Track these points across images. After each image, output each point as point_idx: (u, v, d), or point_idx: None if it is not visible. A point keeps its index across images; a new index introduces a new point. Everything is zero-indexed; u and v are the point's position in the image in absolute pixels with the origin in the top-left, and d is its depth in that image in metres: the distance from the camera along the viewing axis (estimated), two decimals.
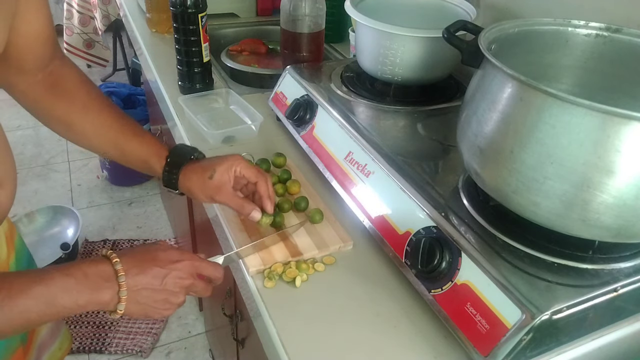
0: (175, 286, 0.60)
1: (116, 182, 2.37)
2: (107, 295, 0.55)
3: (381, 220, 0.67)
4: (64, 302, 0.53)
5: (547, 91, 0.48)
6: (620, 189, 0.48)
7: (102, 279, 0.55)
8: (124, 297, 0.56)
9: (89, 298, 0.54)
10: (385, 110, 0.86)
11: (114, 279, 0.56)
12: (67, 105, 0.72)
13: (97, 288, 0.55)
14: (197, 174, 0.70)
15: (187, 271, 0.61)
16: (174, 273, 0.59)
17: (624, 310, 0.56)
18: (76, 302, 0.54)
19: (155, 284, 0.58)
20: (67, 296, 0.53)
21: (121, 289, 0.56)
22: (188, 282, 0.61)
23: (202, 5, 1.00)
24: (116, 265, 0.56)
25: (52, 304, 0.53)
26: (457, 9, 0.94)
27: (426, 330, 0.60)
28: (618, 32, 0.64)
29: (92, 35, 2.79)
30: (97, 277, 0.55)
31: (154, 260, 0.59)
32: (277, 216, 0.73)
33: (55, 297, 0.53)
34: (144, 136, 0.74)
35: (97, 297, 0.55)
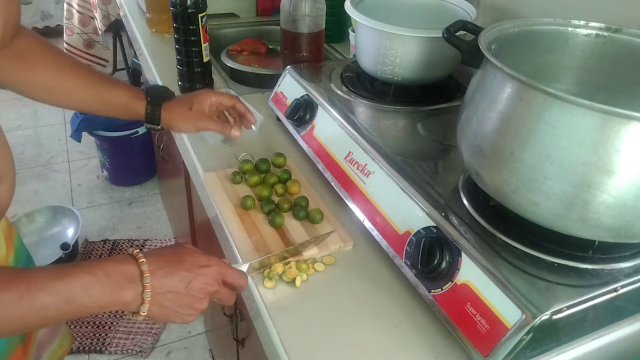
0: (200, 292, 0.58)
1: (116, 182, 2.37)
2: (129, 296, 0.54)
3: (381, 220, 0.67)
4: (83, 301, 0.52)
5: (547, 91, 0.48)
6: (620, 189, 0.48)
7: (126, 279, 0.54)
8: (147, 299, 0.54)
9: (110, 298, 0.53)
10: (385, 110, 0.86)
11: (139, 279, 0.54)
12: (42, 71, 0.76)
13: (120, 288, 0.53)
14: (177, 107, 0.79)
15: (213, 277, 0.59)
16: (200, 278, 0.58)
17: (624, 310, 0.56)
18: (97, 302, 0.52)
19: (180, 287, 0.57)
20: (88, 295, 0.52)
21: (145, 291, 0.54)
22: (213, 289, 0.59)
23: (202, 5, 1.00)
24: (142, 265, 0.54)
25: (72, 302, 0.51)
26: (457, 9, 0.94)
27: (426, 330, 0.60)
28: (618, 32, 0.64)
29: (92, 35, 2.79)
30: (121, 277, 0.53)
31: (181, 263, 0.58)
32: (278, 216, 0.73)
33: (76, 296, 0.51)
34: (121, 85, 0.80)
35: (119, 297, 0.53)
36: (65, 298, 0.51)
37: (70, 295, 0.51)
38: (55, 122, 2.86)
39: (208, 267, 0.59)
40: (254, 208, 0.76)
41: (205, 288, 0.58)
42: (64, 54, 0.80)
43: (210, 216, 0.84)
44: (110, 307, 0.53)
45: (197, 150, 0.93)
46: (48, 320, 0.52)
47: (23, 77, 0.75)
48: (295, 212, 0.75)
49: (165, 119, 0.79)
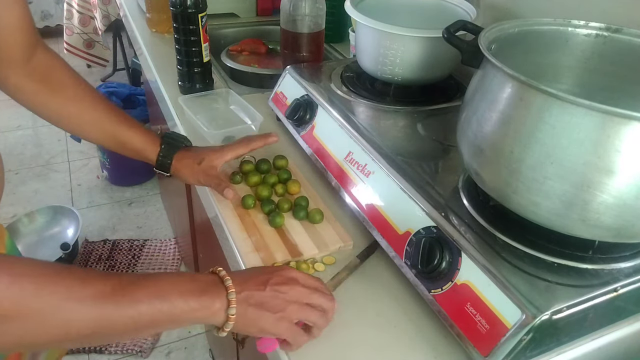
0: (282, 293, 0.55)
1: (116, 182, 2.37)
2: (217, 302, 0.52)
3: (381, 220, 0.67)
4: (175, 299, 0.50)
5: (547, 91, 0.48)
6: (620, 189, 0.48)
7: (209, 284, 0.53)
8: (233, 299, 0.52)
9: (200, 301, 0.51)
10: (385, 110, 0.86)
11: (221, 283, 0.53)
12: (62, 98, 0.77)
13: (206, 292, 0.52)
14: (188, 159, 0.80)
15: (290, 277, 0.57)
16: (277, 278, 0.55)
17: (624, 310, 0.56)
18: (188, 303, 0.51)
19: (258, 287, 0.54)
20: (178, 294, 0.50)
21: (229, 291, 0.52)
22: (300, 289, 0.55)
23: (202, 5, 1.00)
24: (221, 272, 0.54)
25: (164, 299, 0.49)
26: (457, 9, 0.94)
27: (426, 330, 0.60)
28: (618, 32, 0.64)
29: (92, 35, 2.79)
30: (204, 282, 0.53)
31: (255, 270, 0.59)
32: (278, 216, 0.73)
33: (166, 292, 0.50)
34: (137, 127, 0.81)
35: (208, 301, 0.52)
36: (156, 293, 0.50)
37: (161, 291, 0.50)
38: None
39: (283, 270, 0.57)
40: (254, 208, 0.76)
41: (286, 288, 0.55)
42: (85, 84, 0.80)
43: (210, 216, 0.84)
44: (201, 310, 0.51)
45: None
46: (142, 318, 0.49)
47: (42, 100, 0.76)
48: (295, 212, 0.75)
49: (174, 167, 0.80)
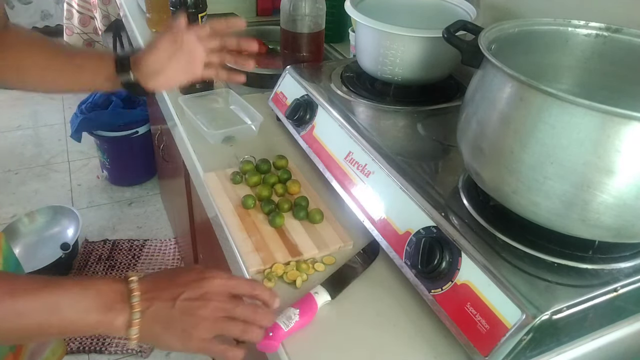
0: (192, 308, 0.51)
1: (116, 182, 2.37)
2: (119, 320, 0.50)
3: (381, 220, 0.67)
4: (70, 314, 0.48)
5: (547, 91, 0.48)
6: (620, 189, 0.48)
7: (115, 300, 0.50)
8: (135, 319, 0.50)
9: (99, 318, 0.49)
10: (385, 110, 0.86)
11: (127, 299, 0.50)
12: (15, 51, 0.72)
13: (109, 309, 0.49)
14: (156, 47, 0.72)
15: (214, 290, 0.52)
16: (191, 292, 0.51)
17: (624, 310, 0.56)
18: (84, 319, 0.48)
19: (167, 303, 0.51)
20: (75, 310, 0.48)
21: (133, 311, 0.50)
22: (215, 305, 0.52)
23: (202, 5, 1.00)
24: (131, 284, 0.51)
25: (57, 313, 0.47)
26: (457, 9, 0.94)
27: (426, 330, 0.60)
28: (618, 32, 0.64)
29: (92, 35, 2.79)
30: (110, 296, 0.50)
31: (175, 278, 0.53)
32: (278, 216, 0.73)
33: (62, 307, 0.47)
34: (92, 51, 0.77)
35: (109, 318, 0.49)
36: (51, 308, 0.47)
37: (57, 305, 0.47)
38: (55, 122, 2.86)
39: (205, 280, 0.52)
40: (254, 208, 0.76)
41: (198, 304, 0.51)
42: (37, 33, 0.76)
43: (210, 216, 0.84)
44: (99, 327, 0.50)
45: (197, 150, 0.93)
46: (26, 330, 0.47)
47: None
48: (295, 212, 0.75)
49: (141, 62, 0.71)
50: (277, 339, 0.57)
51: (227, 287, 0.53)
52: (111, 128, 2.12)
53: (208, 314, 0.51)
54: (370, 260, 0.69)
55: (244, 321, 0.53)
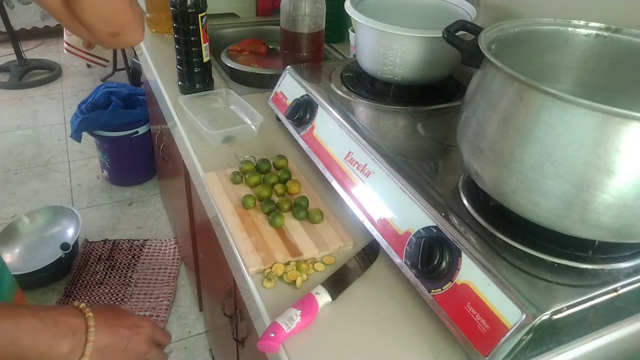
0: (134, 350, 0.60)
1: (116, 182, 2.37)
2: (67, 347, 0.54)
3: (381, 220, 0.67)
4: (25, 343, 0.51)
5: (547, 91, 0.48)
6: (620, 189, 0.48)
7: (70, 331, 0.54)
8: (88, 352, 0.55)
9: (49, 346, 0.52)
10: (385, 110, 0.86)
11: (83, 332, 0.55)
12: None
13: (61, 337, 0.53)
14: None
15: (147, 336, 0.62)
16: (136, 337, 0.60)
17: (624, 310, 0.56)
18: (37, 348, 0.52)
19: (119, 344, 0.59)
20: (31, 339, 0.51)
21: (87, 344, 0.55)
22: (145, 348, 0.62)
23: (202, 5, 1.00)
24: (89, 320, 0.56)
25: (15, 343, 0.51)
26: (457, 9, 0.94)
27: (426, 330, 0.60)
28: (618, 32, 0.64)
29: None
30: (66, 328, 0.54)
31: (122, 320, 0.60)
32: (278, 216, 0.73)
33: (20, 337, 0.51)
34: None
35: (58, 347, 0.53)
36: (11, 338, 0.51)
37: (17, 337, 0.51)
38: (55, 122, 2.86)
39: (143, 327, 0.62)
40: (254, 208, 0.76)
41: (139, 346, 0.61)
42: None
43: (210, 216, 0.84)
44: (47, 355, 0.53)
45: (197, 150, 0.93)
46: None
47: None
48: (295, 212, 0.75)
49: None
50: (278, 340, 0.57)
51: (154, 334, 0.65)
52: (111, 128, 2.12)
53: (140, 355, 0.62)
54: (371, 260, 0.69)
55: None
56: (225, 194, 0.79)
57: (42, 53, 3.66)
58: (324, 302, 0.62)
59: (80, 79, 3.37)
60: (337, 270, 0.67)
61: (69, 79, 3.37)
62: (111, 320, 0.59)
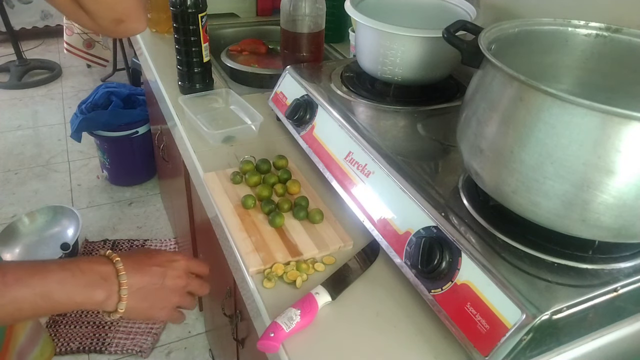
0: (173, 284, 0.61)
1: (116, 182, 2.37)
2: (103, 294, 0.55)
3: (381, 220, 0.67)
4: (59, 296, 0.52)
5: (547, 91, 0.48)
6: (620, 189, 0.48)
7: (101, 278, 0.55)
8: (124, 295, 0.56)
9: (85, 296, 0.54)
10: (385, 110, 0.86)
11: (114, 277, 0.56)
12: None
13: (94, 286, 0.54)
14: None
15: (183, 269, 0.63)
16: (171, 272, 0.61)
17: (624, 310, 0.56)
18: (72, 299, 0.53)
19: (155, 282, 0.59)
20: (63, 291, 0.52)
21: (122, 288, 0.56)
22: (184, 282, 0.63)
23: (202, 5, 1.00)
24: (117, 264, 0.56)
25: (47, 297, 0.52)
26: (457, 9, 0.94)
27: (426, 330, 0.60)
28: (618, 32, 0.64)
29: (92, 35, 2.79)
30: (96, 275, 0.55)
31: (152, 259, 0.61)
32: (278, 216, 0.73)
33: (51, 291, 0.52)
34: None
35: (94, 295, 0.54)
36: (41, 292, 0.51)
37: (46, 289, 0.52)
38: (55, 122, 2.86)
39: (176, 261, 0.62)
40: (254, 208, 0.76)
41: (177, 281, 0.61)
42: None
43: (210, 216, 0.84)
44: (85, 304, 0.54)
45: (197, 150, 0.93)
46: (21, 314, 0.52)
47: None
48: (295, 212, 0.75)
49: None
50: (278, 339, 0.57)
51: (191, 266, 0.65)
52: (111, 128, 2.12)
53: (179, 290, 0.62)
54: (371, 260, 0.69)
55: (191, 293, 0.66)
56: (225, 194, 0.79)
57: (42, 53, 3.66)
58: (323, 302, 0.62)
59: (80, 79, 3.37)
60: (337, 270, 0.67)
61: (69, 79, 3.37)
62: (141, 261, 0.59)
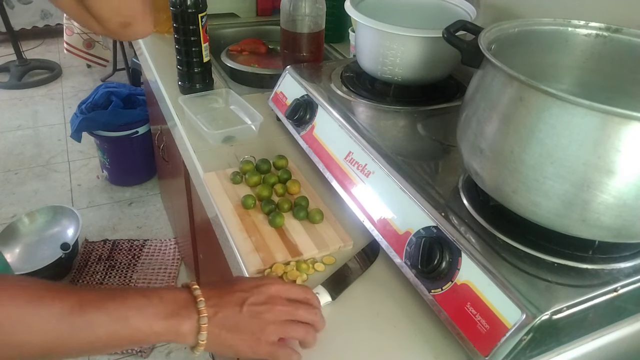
0: (268, 314, 0.53)
1: (116, 182, 2.37)
2: (186, 325, 0.50)
3: (381, 220, 0.67)
4: (138, 323, 0.49)
5: (547, 91, 0.48)
6: (620, 189, 0.48)
7: (180, 306, 0.51)
8: (204, 324, 0.51)
9: (166, 325, 0.50)
10: (385, 110, 0.86)
11: (193, 305, 0.51)
12: None
13: (175, 315, 0.50)
14: None
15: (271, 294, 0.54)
16: (255, 298, 0.53)
17: (624, 310, 0.56)
18: (152, 327, 0.49)
19: (235, 308, 0.52)
20: (142, 318, 0.49)
21: (201, 316, 0.51)
22: (282, 308, 0.53)
23: (202, 5, 1.00)
24: (195, 291, 0.52)
25: (126, 323, 0.48)
26: (457, 9, 0.94)
27: (426, 330, 0.60)
28: (618, 32, 0.64)
29: (92, 35, 2.79)
30: (174, 303, 0.51)
31: (235, 285, 0.55)
32: (278, 216, 0.73)
33: (129, 316, 0.49)
34: None
35: (175, 325, 0.50)
36: (119, 317, 0.48)
37: (123, 314, 0.49)
38: (55, 122, 2.86)
39: (263, 286, 0.55)
40: (254, 208, 0.76)
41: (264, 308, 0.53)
42: None
43: (210, 216, 0.84)
44: (166, 334, 0.50)
45: (197, 150, 0.93)
46: (97, 341, 0.48)
47: None
48: (295, 212, 0.75)
49: None
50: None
51: (284, 292, 0.56)
52: (111, 128, 2.12)
53: (274, 317, 0.53)
54: (371, 260, 0.69)
55: (305, 323, 0.55)
56: (225, 194, 0.79)
57: (42, 53, 3.66)
58: (324, 302, 0.62)
59: (80, 79, 3.37)
60: (337, 271, 0.67)
61: (69, 79, 3.37)
62: (221, 287, 0.54)
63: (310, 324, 0.56)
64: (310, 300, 0.58)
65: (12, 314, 0.45)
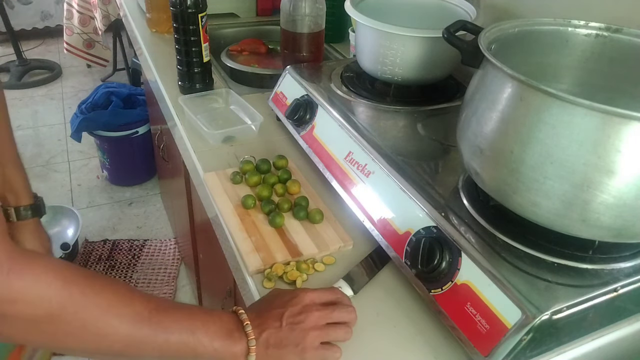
0: (304, 322, 0.55)
1: (116, 182, 2.37)
2: (239, 346, 0.53)
3: (381, 220, 0.67)
4: (202, 337, 0.52)
5: (547, 91, 0.48)
6: (620, 189, 0.48)
7: (233, 328, 0.54)
8: (252, 347, 0.54)
9: (224, 344, 0.53)
10: (385, 110, 0.86)
11: (242, 328, 0.54)
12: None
13: (230, 336, 0.53)
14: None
15: (305, 303, 0.57)
16: (292, 310, 0.56)
17: (624, 310, 0.56)
18: (212, 344, 0.52)
19: (275, 325, 0.55)
20: (206, 333, 0.52)
21: (249, 339, 0.54)
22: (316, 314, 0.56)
23: (202, 5, 1.00)
24: (241, 316, 0.55)
25: (193, 335, 0.51)
26: (457, 9, 0.94)
27: (426, 330, 0.60)
28: (618, 32, 0.64)
29: (92, 35, 2.79)
30: (230, 324, 0.54)
31: (272, 303, 0.57)
32: (278, 216, 0.73)
33: (196, 328, 0.52)
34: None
35: (231, 345, 0.53)
36: (187, 327, 0.52)
37: (192, 325, 0.52)
38: (55, 122, 2.86)
39: (296, 297, 0.57)
40: (254, 208, 0.76)
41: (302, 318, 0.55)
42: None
43: (210, 216, 0.84)
44: (223, 353, 0.53)
45: (197, 150, 0.93)
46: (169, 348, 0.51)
47: None
48: (295, 212, 0.75)
49: None
50: None
51: (317, 298, 0.58)
52: (111, 128, 2.12)
53: (313, 324, 0.56)
54: (385, 258, 0.69)
55: (342, 323, 0.58)
56: (225, 194, 0.79)
57: (42, 53, 3.66)
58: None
59: (80, 79, 3.37)
60: (357, 265, 0.68)
61: (69, 79, 3.36)
62: (261, 308, 0.57)
63: (346, 323, 0.58)
64: (342, 299, 0.60)
65: (103, 304, 0.48)
